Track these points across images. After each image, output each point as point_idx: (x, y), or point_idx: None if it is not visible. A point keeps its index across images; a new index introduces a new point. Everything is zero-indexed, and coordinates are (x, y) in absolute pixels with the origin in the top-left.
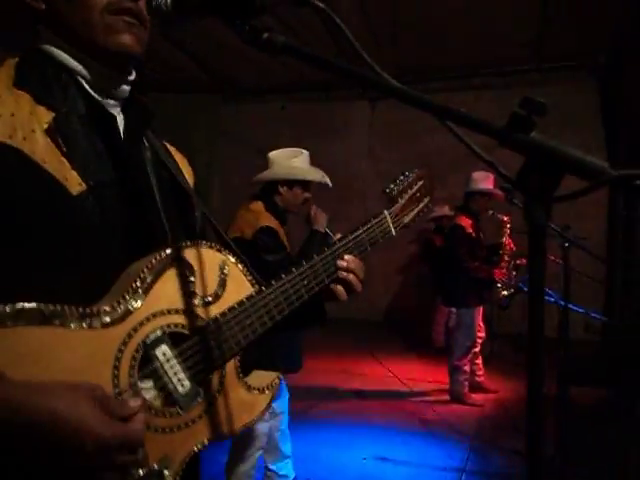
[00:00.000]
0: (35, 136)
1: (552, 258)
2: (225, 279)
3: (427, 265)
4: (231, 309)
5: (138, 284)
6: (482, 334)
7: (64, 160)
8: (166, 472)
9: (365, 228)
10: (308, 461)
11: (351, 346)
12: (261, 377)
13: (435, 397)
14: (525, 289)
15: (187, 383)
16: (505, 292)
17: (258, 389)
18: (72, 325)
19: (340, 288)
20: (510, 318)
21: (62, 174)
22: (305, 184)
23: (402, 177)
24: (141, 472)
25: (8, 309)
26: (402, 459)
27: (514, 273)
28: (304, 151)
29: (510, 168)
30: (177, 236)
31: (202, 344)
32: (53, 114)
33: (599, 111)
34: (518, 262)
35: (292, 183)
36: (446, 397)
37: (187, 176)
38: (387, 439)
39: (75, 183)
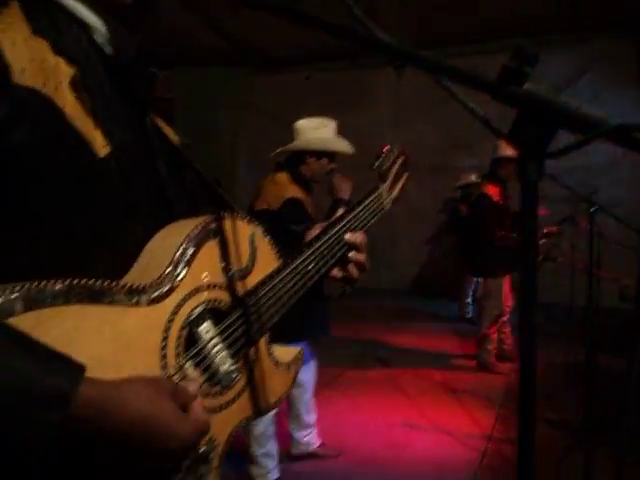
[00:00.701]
0: (63, 88)
1: (584, 225)
2: (255, 252)
3: (454, 235)
4: (264, 282)
5: (180, 256)
6: (510, 303)
7: (89, 118)
8: (211, 455)
9: (367, 202)
10: (336, 427)
11: (379, 315)
12: (285, 352)
13: (463, 365)
14: (551, 261)
15: (228, 361)
16: None
17: (285, 364)
18: (121, 303)
19: (352, 267)
20: (539, 286)
21: (89, 133)
22: (332, 155)
23: (385, 152)
24: (190, 458)
25: (59, 286)
26: (429, 426)
27: (543, 241)
28: (331, 121)
29: None
30: (182, 205)
31: (241, 319)
32: (74, 67)
33: (637, 72)
34: (547, 230)
35: (320, 154)
36: (474, 365)
37: (178, 144)
38: (414, 406)
39: (100, 144)
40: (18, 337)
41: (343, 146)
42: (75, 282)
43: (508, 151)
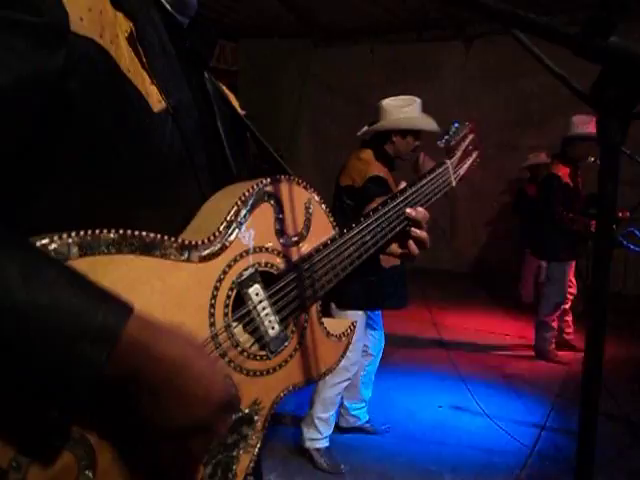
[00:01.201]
0: (119, 41)
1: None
2: (310, 218)
3: (518, 216)
4: (318, 250)
5: (233, 217)
6: (573, 290)
7: (144, 73)
8: (256, 417)
9: (431, 176)
10: (385, 405)
11: (436, 296)
12: (338, 324)
13: (519, 352)
14: (625, 243)
15: (277, 326)
16: None
17: (336, 335)
18: (172, 257)
19: (412, 243)
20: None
21: (144, 88)
22: (417, 132)
23: (454, 128)
24: (234, 417)
25: (112, 235)
26: (480, 410)
27: (614, 226)
28: (416, 99)
29: None
30: (240, 169)
31: (292, 285)
32: (131, 21)
33: None
34: (620, 215)
35: (405, 132)
36: (531, 353)
37: (240, 113)
38: (465, 390)
39: (155, 100)
40: (73, 275)
41: (429, 124)
42: (128, 233)
43: (581, 129)
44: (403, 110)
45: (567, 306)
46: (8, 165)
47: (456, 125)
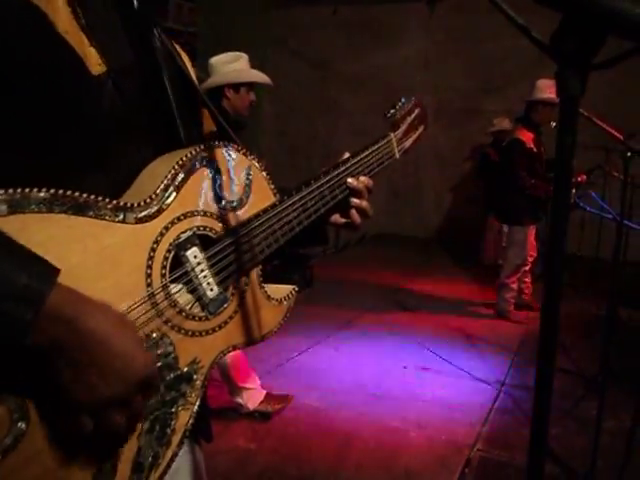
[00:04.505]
0: (58, 3)
1: (616, 174)
2: (250, 185)
3: (482, 180)
4: (257, 216)
5: (170, 181)
6: (534, 253)
7: (83, 35)
8: (195, 376)
9: (374, 148)
10: (353, 366)
11: (400, 262)
12: (279, 289)
13: (480, 313)
14: (582, 205)
15: (216, 288)
16: None
17: (276, 299)
18: (106, 217)
19: (354, 212)
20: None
21: (82, 50)
22: (250, 85)
23: (401, 103)
24: (172, 375)
25: (43, 194)
26: (443, 369)
27: (573, 191)
28: (243, 54)
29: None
30: (189, 133)
31: (231, 248)
32: None
33: None
34: (579, 179)
35: (237, 86)
36: (491, 313)
37: (191, 71)
38: (429, 351)
39: (95, 62)
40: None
41: (259, 76)
42: (60, 192)
43: (545, 93)
44: (231, 65)
45: (527, 268)
46: None
47: (402, 100)
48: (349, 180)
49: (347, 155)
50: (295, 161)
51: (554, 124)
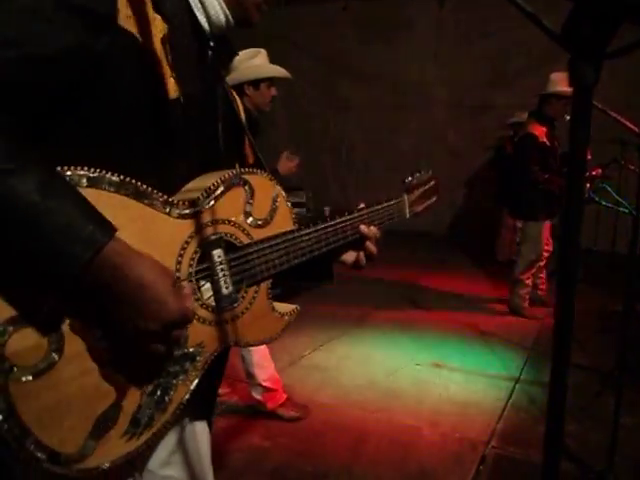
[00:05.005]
0: (154, 38)
1: (632, 167)
2: (275, 209)
3: (496, 172)
4: (277, 236)
5: (211, 191)
6: (549, 248)
7: (168, 67)
8: (198, 357)
9: (387, 204)
10: (365, 364)
11: (414, 259)
12: (284, 306)
13: (494, 309)
14: (597, 199)
15: (230, 287)
16: None
17: (280, 313)
18: (156, 207)
19: (362, 254)
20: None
21: (166, 78)
22: (270, 81)
23: (418, 174)
24: (179, 351)
25: (115, 177)
26: (456, 366)
27: (588, 185)
28: (261, 50)
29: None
30: (230, 158)
31: (248, 258)
32: (167, 25)
33: None
34: (594, 173)
35: (257, 82)
36: (506, 310)
37: (241, 114)
38: (443, 347)
39: (172, 89)
40: (78, 195)
41: (278, 70)
42: (127, 179)
43: (558, 86)
44: (250, 61)
45: (542, 264)
46: (41, 111)
47: (421, 172)
48: (362, 226)
49: (362, 205)
50: (305, 157)
51: (568, 117)
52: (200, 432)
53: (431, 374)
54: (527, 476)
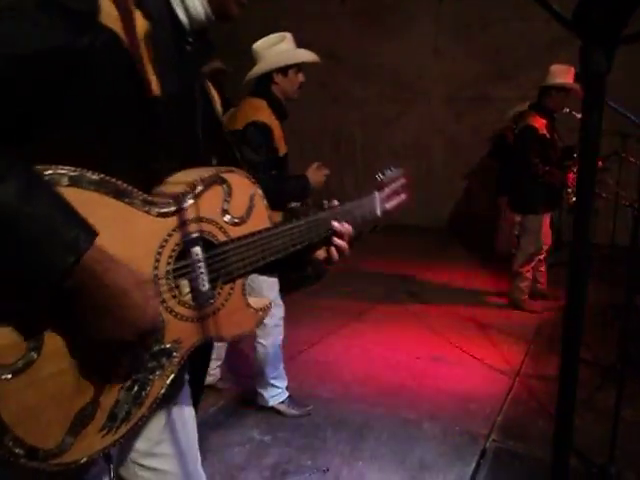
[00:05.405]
0: (136, 36)
1: (632, 160)
2: (252, 208)
3: (495, 161)
4: (253, 234)
5: (191, 189)
6: (549, 241)
7: (149, 64)
8: (175, 353)
9: (359, 201)
10: (364, 358)
11: (412, 251)
12: (258, 301)
13: (494, 302)
14: (597, 190)
15: (207, 284)
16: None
17: (254, 308)
18: (136, 206)
19: (333, 249)
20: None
21: (147, 75)
22: (298, 67)
23: (390, 171)
24: (156, 348)
25: (94, 176)
26: (456, 360)
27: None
28: (287, 34)
29: None
30: (209, 156)
31: (225, 255)
32: (149, 21)
33: None
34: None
35: (285, 69)
36: (505, 303)
37: (219, 109)
38: (443, 341)
39: (155, 87)
40: (61, 200)
41: (306, 55)
42: (106, 178)
43: (559, 79)
44: (276, 48)
45: (542, 257)
46: (22, 111)
47: (392, 169)
48: (334, 223)
49: (336, 202)
50: (304, 151)
51: (568, 110)
52: (188, 422)
53: (431, 368)
54: (527, 469)
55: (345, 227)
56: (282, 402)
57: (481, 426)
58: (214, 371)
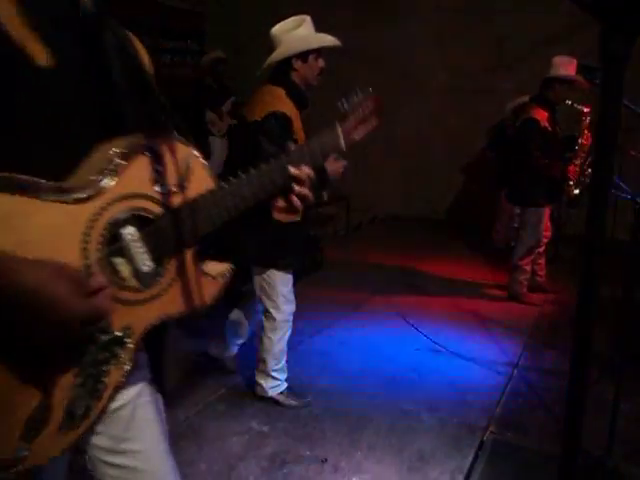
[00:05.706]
0: (9, 6)
1: (633, 153)
2: (189, 171)
3: (494, 152)
4: (195, 200)
5: (111, 165)
6: (548, 234)
7: (29, 32)
8: (127, 340)
9: (317, 140)
10: (363, 349)
11: (411, 243)
12: (216, 266)
13: (493, 295)
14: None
15: (149, 263)
16: (577, 191)
17: (211, 276)
18: (49, 197)
19: (294, 198)
20: (579, 218)
21: (28, 45)
22: (317, 52)
23: (356, 97)
24: (105, 338)
25: None
26: (455, 352)
27: (589, 170)
28: (306, 17)
29: None
30: (138, 123)
31: (164, 229)
32: None
33: None
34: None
35: (305, 55)
36: (504, 296)
37: (148, 64)
38: (442, 333)
39: (42, 57)
40: None
41: (326, 39)
42: (4, 175)
43: (561, 70)
44: (294, 32)
45: (541, 250)
46: None
47: (358, 93)
48: (290, 168)
49: (292, 146)
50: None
51: (570, 102)
52: (154, 418)
53: (430, 359)
54: (525, 461)
55: (304, 171)
56: (281, 393)
57: (479, 418)
58: (234, 348)
